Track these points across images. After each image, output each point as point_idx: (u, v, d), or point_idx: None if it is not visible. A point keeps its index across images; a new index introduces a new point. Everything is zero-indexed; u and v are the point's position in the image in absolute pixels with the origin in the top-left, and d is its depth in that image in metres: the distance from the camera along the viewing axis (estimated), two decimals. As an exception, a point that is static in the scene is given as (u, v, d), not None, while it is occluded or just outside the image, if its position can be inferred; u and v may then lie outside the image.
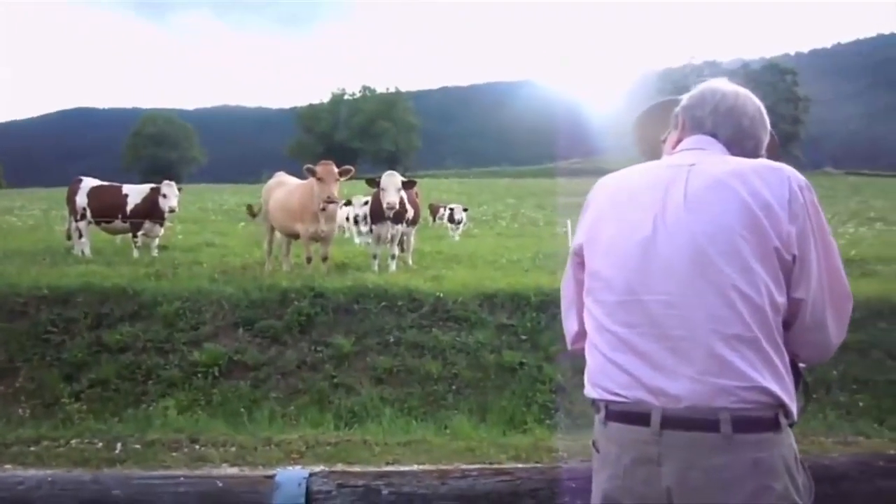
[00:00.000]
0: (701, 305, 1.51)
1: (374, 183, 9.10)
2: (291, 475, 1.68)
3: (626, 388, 1.56)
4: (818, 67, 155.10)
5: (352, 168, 8.61)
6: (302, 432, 5.59)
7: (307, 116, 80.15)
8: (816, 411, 6.29)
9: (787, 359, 1.55)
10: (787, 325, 1.59)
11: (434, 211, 21.76)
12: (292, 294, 7.36)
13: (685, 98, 1.86)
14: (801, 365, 1.75)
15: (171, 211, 11.05)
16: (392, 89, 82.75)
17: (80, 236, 10.99)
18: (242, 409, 6.01)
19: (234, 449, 5.21)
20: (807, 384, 1.78)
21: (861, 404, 6.35)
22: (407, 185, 9.15)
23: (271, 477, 1.69)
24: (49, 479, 1.64)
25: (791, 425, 1.66)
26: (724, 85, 1.82)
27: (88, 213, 11.08)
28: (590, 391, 1.65)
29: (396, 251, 9.48)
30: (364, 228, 13.45)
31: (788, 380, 1.54)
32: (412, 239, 10.50)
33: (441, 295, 7.43)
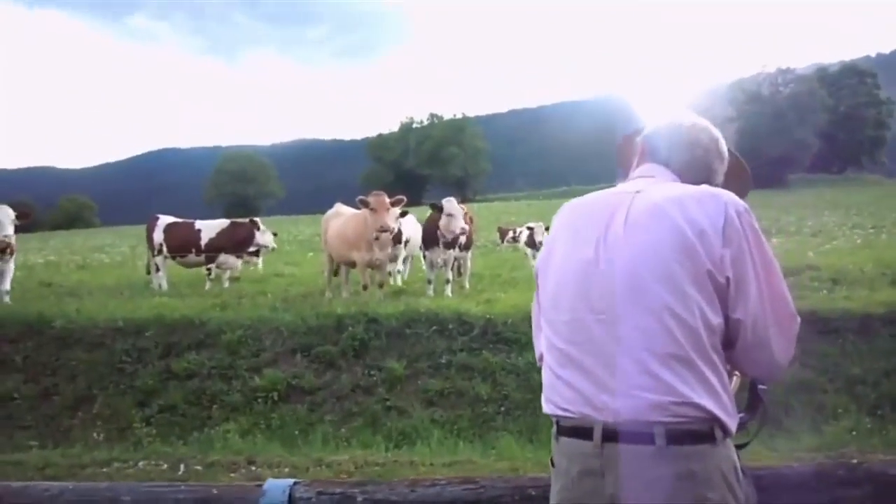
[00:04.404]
0: (634, 326, 1.60)
1: (436, 208, 9.32)
2: (277, 484, 1.86)
3: (571, 403, 1.66)
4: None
5: (404, 198, 8.88)
6: (353, 453, 5.79)
7: (377, 146, 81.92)
8: (879, 427, 6.07)
9: (725, 377, 1.63)
10: (731, 344, 1.66)
11: (503, 234, 21.73)
12: (347, 320, 7.62)
13: (648, 127, 1.97)
14: (762, 387, 1.82)
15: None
16: (459, 115, 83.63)
17: (158, 270, 11.66)
18: (297, 432, 6.27)
19: (287, 469, 5.45)
20: (766, 408, 1.82)
21: (926, 420, 6.08)
22: (458, 210, 9.35)
23: (260, 485, 1.87)
24: (70, 486, 1.88)
25: (748, 443, 1.73)
26: (684, 116, 1.93)
27: (165, 249, 11.76)
28: (544, 406, 1.76)
29: (451, 276, 9.65)
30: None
31: (726, 397, 1.61)
32: (468, 263, 10.65)
33: (491, 317, 7.55)
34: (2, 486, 1.89)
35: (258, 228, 11.85)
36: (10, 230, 9.26)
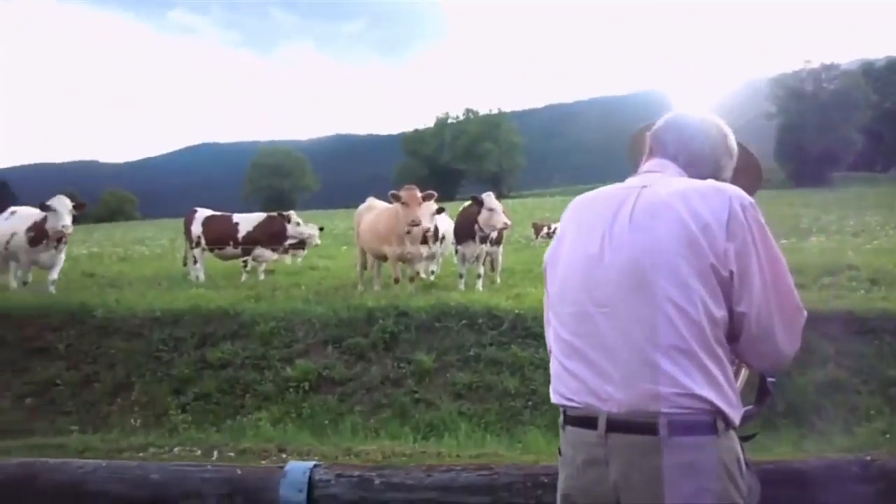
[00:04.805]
0: (638, 318, 1.63)
1: (477, 202, 9.38)
2: (299, 466, 1.93)
3: (577, 393, 1.70)
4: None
5: (434, 193, 8.95)
6: (381, 444, 5.88)
7: (412, 141, 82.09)
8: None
9: (728, 370, 1.64)
10: (736, 337, 1.68)
11: (537, 229, 21.78)
12: (378, 313, 7.71)
13: (657, 123, 1.99)
14: (770, 380, 1.83)
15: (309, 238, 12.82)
16: (495, 110, 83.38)
17: (195, 262, 11.92)
18: (326, 422, 6.38)
19: (316, 458, 5.55)
20: (773, 401, 1.83)
21: None
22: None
23: (282, 467, 1.95)
24: (103, 464, 1.98)
25: (753, 435, 1.75)
26: (693, 112, 1.95)
27: (203, 241, 12.02)
28: (552, 397, 1.81)
29: (482, 270, 9.69)
30: None
31: (729, 389, 1.63)
32: (500, 257, 10.67)
33: (520, 312, 7.57)
34: (40, 462, 1.99)
35: (288, 221, 12.04)
36: (69, 220, 9.54)
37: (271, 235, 12.00)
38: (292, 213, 12.41)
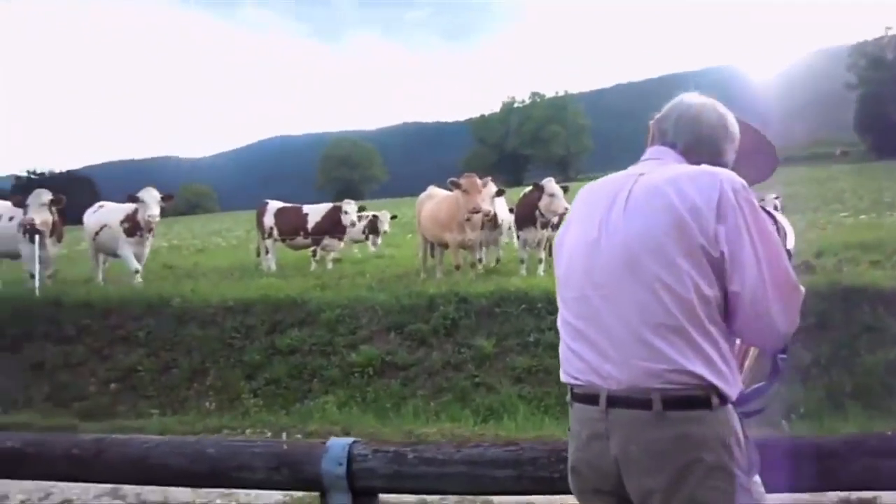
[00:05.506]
0: (630, 299, 1.71)
1: (538, 187, 9.46)
2: (339, 442, 2.08)
3: (581, 372, 1.80)
4: None
5: (490, 178, 9.03)
6: (441, 426, 6.05)
7: (479, 127, 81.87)
8: None
9: (723, 347, 1.69)
10: (733, 316, 1.73)
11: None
12: (439, 300, 7.86)
13: (661, 111, 2.03)
14: (782, 356, 1.86)
15: (353, 225, 12.48)
16: (561, 93, 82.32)
17: (267, 253, 12.36)
18: (389, 406, 6.58)
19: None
20: (782, 379, 1.85)
21: None
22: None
23: (324, 443, 2.09)
24: (166, 440, 2.17)
25: (758, 411, 1.79)
26: (692, 98, 1.99)
27: (275, 232, 12.45)
28: (561, 376, 1.92)
29: (543, 255, 9.73)
30: None
31: (724, 366, 1.68)
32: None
33: (580, 296, 7.57)
34: (110, 438, 2.21)
35: (341, 211, 12.28)
36: (157, 210, 10.03)
37: (336, 225, 12.30)
38: (344, 203, 12.53)
